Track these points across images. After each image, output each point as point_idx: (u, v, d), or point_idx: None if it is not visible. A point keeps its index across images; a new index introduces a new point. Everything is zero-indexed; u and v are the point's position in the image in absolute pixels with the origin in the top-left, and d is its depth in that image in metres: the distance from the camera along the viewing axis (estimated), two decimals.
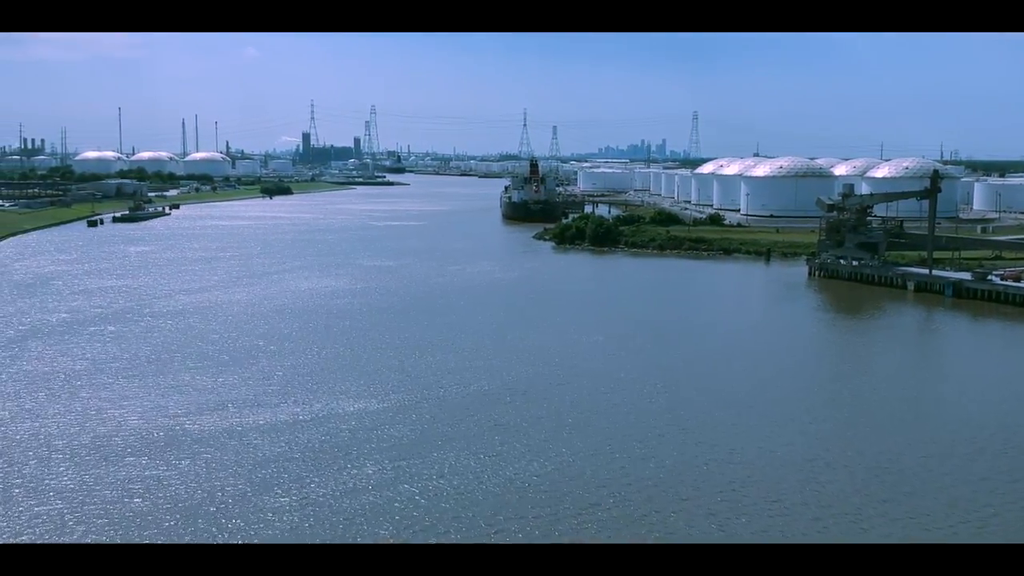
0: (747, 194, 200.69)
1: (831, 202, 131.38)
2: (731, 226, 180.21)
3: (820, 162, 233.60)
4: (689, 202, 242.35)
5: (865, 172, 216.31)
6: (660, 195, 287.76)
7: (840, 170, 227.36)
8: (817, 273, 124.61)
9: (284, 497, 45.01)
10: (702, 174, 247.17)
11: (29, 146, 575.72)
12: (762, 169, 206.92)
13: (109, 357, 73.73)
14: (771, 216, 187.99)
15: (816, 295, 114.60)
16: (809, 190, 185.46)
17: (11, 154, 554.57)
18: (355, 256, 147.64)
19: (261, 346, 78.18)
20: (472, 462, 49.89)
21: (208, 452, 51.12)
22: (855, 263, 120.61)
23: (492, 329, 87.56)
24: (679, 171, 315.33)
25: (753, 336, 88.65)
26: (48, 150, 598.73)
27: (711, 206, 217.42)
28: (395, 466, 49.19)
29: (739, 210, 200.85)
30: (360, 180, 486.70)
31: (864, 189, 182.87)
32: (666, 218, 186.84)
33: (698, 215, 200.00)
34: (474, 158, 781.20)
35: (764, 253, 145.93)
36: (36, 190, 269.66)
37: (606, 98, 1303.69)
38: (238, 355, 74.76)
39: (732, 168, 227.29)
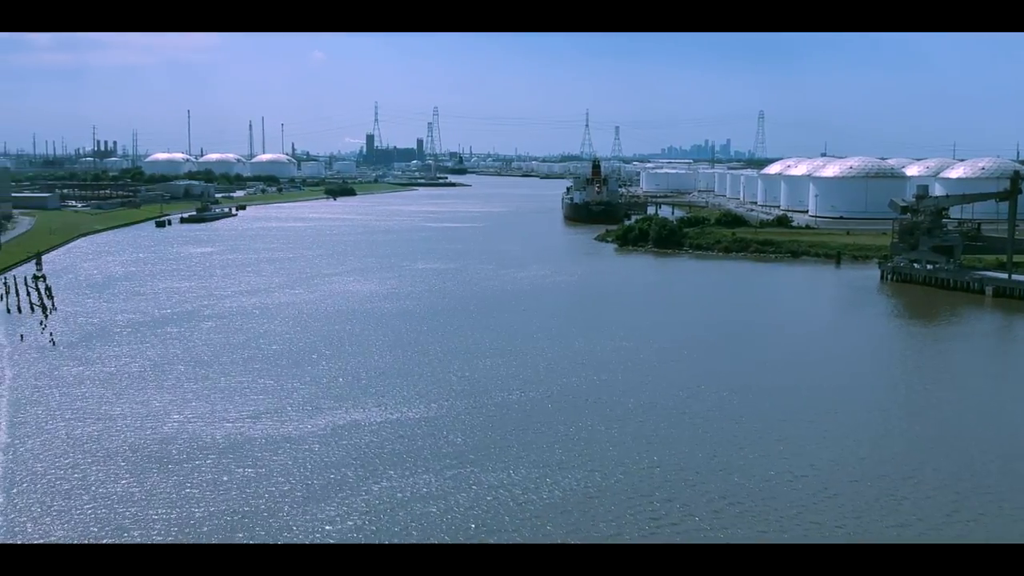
0: (816, 195, 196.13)
1: (905, 204, 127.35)
2: (799, 228, 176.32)
3: (891, 162, 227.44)
4: (755, 203, 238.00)
5: (939, 173, 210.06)
6: (725, 196, 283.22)
7: (912, 171, 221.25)
8: (890, 277, 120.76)
9: (337, 507, 44.19)
10: (769, 175, 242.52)
11: (102, 148, 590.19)
12: (831, 169, 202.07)
13: (171, 358, 74.08)
14: (840, 218, 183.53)
15: (889, 300, 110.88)
16: (880, 191, 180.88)
17: (85, 156, 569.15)
18: (414, 258, 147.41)
19: (320, 349, 77.88)
20: (533, 472, 48.55)
21: (266, 457, 50.63)
22: (930, 267, 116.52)
23: (555, 333, 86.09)
24: (744, 171, 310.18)
25: (824, 343, 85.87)
26: (120, 152, 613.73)
27: (778, 207, 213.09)
28: (454, 474, 48.10)
29: (807, 211, 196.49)
30: (422, 181, 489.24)
31: (938, 190, 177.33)
32: (732, 220, 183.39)
33: (765, 217, 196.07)
34: (536, 159, 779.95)
35: (834, 256, 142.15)
36: (107, 191, 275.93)
37: (669, 98, 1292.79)
38: (297, 357, 74.53)
39: (800, 168, 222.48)
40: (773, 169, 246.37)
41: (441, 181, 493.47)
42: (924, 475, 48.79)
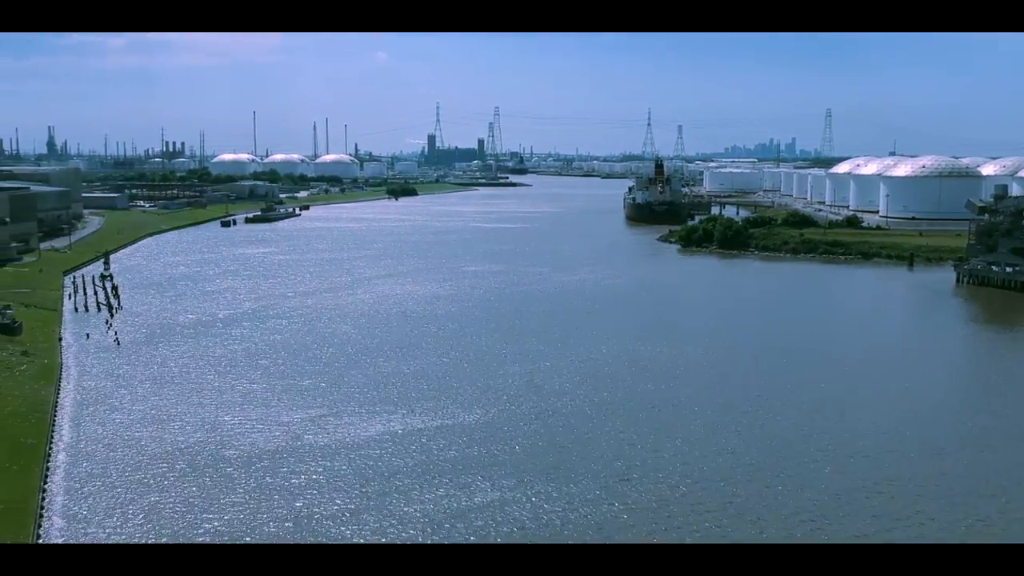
0: (887, 195, 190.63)
1: (983, 204, 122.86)
2: (869, 229, 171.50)
3: (966, 161, 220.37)
4: (823, 203, 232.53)
5: (1016, 172, 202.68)
6: (791, 196, 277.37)
7: (988, 170, 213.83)
8: (966, 280, 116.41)
9: (389, 518, 43.10)
10: (837, 174, 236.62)
11: (170, 149, 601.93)
12: (903, 169, 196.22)
13: (231, 360, 73.99)
14: (913, 218, 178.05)
15: (966, 304, 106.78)
16: (954, 191, 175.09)
17: (154, 157, 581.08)
18: (475, 260, 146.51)
19: (376, 351, 77.16)
20: (592, 484, 46.92)
21: (322, 464, 49.81)
22: (1009, 269, 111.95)
23: (618, 337, 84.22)
24: (811, 171, 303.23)
25: (900, 349, 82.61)
26: (188, 153, 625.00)
27: (847, 207, 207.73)
28: (513, 483, 46.69)
29: (878, 212, 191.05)
30: (483, 181, 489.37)
31: (1016, 190, 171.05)
32: (800, 220, 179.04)
33: (834, 217, 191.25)
34: (597, 158, 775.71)
35: (907, 258, 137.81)
36: (174, 192, 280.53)
37: (733, 96, 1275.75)
38: (353, 360, 73.88)
39: (870, 168, 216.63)
40: (842, 168, 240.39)
41: (501, 181, 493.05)
42: (1013, 494, 46.07)
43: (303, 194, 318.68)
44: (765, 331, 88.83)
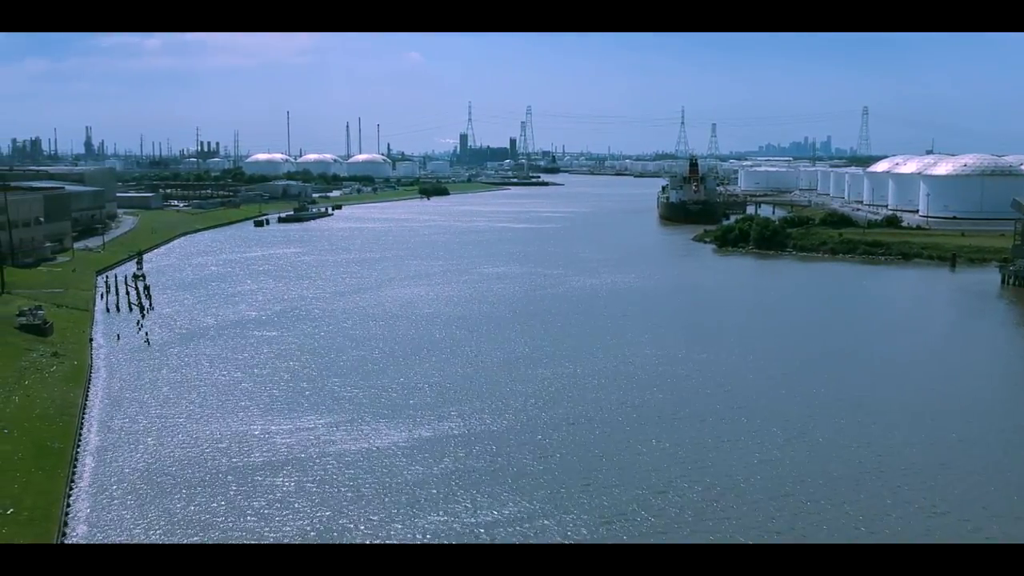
0: (927, 194, 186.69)
1: None
2: (910, 228, 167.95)
3: (1008, 159, 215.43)
4: (860, 202, 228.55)
5: None
6: (828, 195, 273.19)
7: None
8: (1012, 281, 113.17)
9: (412, 529, 41.75)
10: (875, 173, 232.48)
11: (205, 149, 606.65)
12: (944, 167, 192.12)
13: (260, 362, 73.14)
14: (954, 218, 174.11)
15: (1013, 307, 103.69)
16: (998, 190, 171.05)
17: (189, 157, 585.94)
18: (508, 261, 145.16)
19: (403, 355, 75.93)
20: (627, 496, 45.28)
21: (348, 471, 48.57)
22: None
23: (656, 341, 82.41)
24: (849, 169, 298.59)
25: (946, 354, 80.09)
26: (222, 153, 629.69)
27: (885, 207, 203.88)
28: (545, 494, 45.17)
29: (917, 211, 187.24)
30: (515, 180, 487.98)
31: None
32: (838, 220, 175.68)
33: (873, 217, 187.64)
34: (629, 157, 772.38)
35: (949, 258, 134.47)
36: (208, 191, 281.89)
37: (767, 94, 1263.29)
38: (382, 364, 72.69)
39: (909, 166, 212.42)
40: (880, 167, 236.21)
41: (534, 180, 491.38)
42: None
43: (336, 194, 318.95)
44: (805, 333, 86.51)
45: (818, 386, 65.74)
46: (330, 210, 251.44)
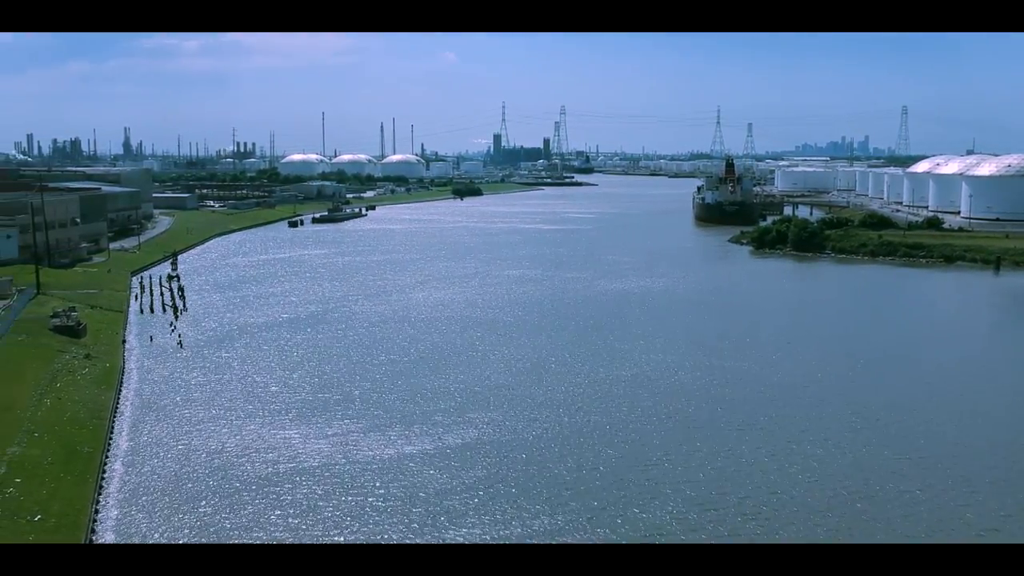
0: (970, 195, 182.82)
1: None
2: (951, 230, 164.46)
3: None
4: (900, 203, 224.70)
5: None
6: (867, 196, 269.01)
7: None
8: None
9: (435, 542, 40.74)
10: (915, 173, 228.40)
11: (241, 150, 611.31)
12: (987, 168, 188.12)
13: (291, 365, 72.62)
14: (997, 219, 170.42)
15: None
16: None
17: (225, 157, 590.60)
18: (544, 263, 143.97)
19: (434, 359, 75.09)
20: (662, 512, 43.96)
21: (379, 479, 47.70)
22: None
23: (694, 345, 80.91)
24: (888, 170, 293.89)
25: (990, 359, 77.76)
26: (258, 153, 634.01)
27: (926, 208, 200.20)
28: (580, 507, 43.99)
29: (959, 213, 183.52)
30: (548, 181, 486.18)
31: None
32: (877, 221, 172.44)
33: (913, 218, 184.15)
34: (664, 157, 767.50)
35: (993, 261, 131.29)
36: (244, 192, 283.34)
37: (804, 93, 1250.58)
38: (412, 367, 71.88)
39: (951, 167, 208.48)
40: (920, 167, 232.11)
41: (567, 181, 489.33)
42: None
43: (370, 194, 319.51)
44: (847, 339, 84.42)
45: (859, 391, 63.96)
46: (364, 211, 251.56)
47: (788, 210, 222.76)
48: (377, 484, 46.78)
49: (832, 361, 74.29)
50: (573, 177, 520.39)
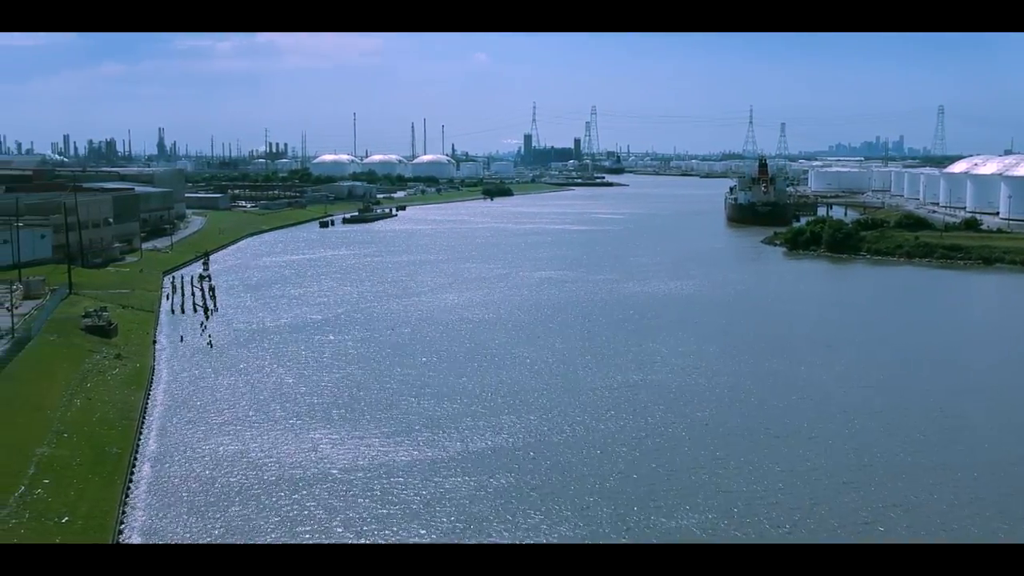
0: (1009, 196, 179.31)
1: None
2: (990, 231, 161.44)
3: None
4: (936, 204, 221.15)
5: None
6: (902, 196, 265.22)
7: None
8: None
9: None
10: (952, 173, 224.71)
11: (273, 150, 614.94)
12: None
13: (321, 367, 72.35)
14: None
15: None
16: None
17: (258, 158, 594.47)
18: (574, 265, 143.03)
19: (463, 361, 74.51)
20: (692, 521, 42.97)
21: (405, 485, 47.12)
22: None
23: (728, 349, 79.72)
24: (924, 170, 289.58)
25: None
26: (290, 154, 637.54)
27: (963, 209, 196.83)
28: (611, 514, 43.12)
29: (998, 213, 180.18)
30: (579, 181, 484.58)
31: None
32: (914, 222, 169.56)
33: (950, 219, 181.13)
34: (695, 157, 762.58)
35: None
36: (275, 192, 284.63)
37: (837, 92, 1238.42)
38: (439, 370, 71.33)
39: (989, 167, 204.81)
40: (957, 167, 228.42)
41: (598, 181, 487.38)
42: None
43: (400, 194, 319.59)
44: (889, 341, 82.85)
45: (899, 398, 62.54)
46: (394, 211, 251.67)
47: (822, 211, 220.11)
48: (405, 488, 46.19)
49: (873, 365, 72.80)
50: (604, 177, 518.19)
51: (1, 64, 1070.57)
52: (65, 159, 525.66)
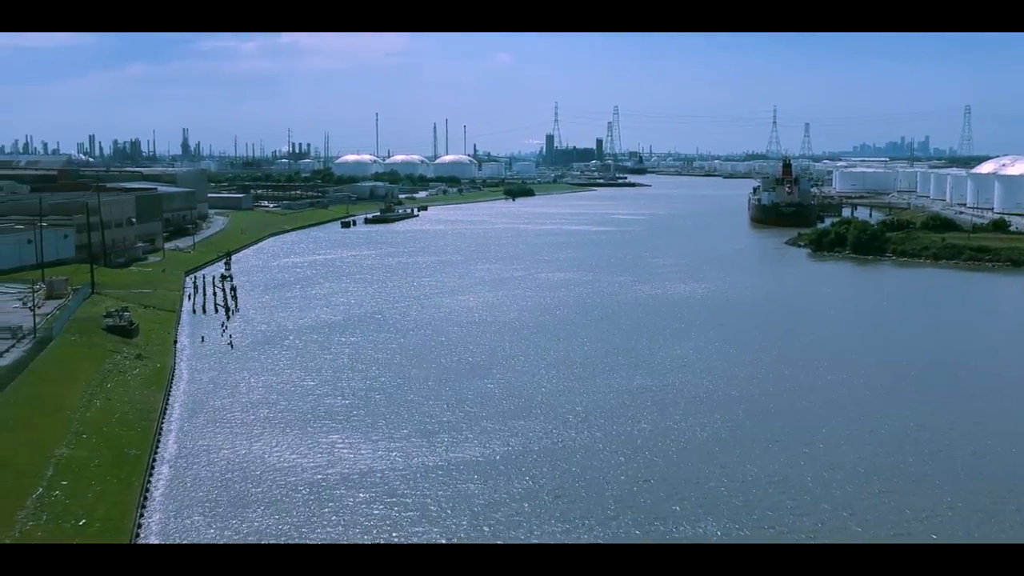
0: None
1: None
2: (1019, 233, 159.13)
3: None
4: (964, 205, 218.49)
5: None
6: (928, 197, 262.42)
7: None
8: None
9: None
10: (980, 174, 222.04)
11: (296, 150, 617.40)
12: None
13: (340, 368, 71.98)
14: None
15: None
16: None
17: (281, 158, 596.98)
18: (596, 266, 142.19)
19: (480, 364, 73.95)
20: (715, 528, 42.17)
21: (426, 488, 46.57)
22: None
23: (757, 352, 78.71)
24: (950, 170, 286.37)
25: None
26: (313, 154, 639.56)
27: (991, 210, 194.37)
28: (640, 520, 42.39)
29: None
30: (601, 181, 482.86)
31: None
32: (941, 223, 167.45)
33: (978, 220, 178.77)
34: (718, 158, 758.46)
35: None
36: (298, 192, 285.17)
37: (861, 93, 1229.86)
38: (460, 371, 70.80)
39: (1017, 167, 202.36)
40: (985, 168, 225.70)
41: (620, 181, 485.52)
42: None
43: (422, 194, 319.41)
44: (918, 349, 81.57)
45: (929, 406, 61.39)
46: (416, 211, 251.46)
47: (847, 212, 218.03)
48: (423, 492, 45.68)
49: (904, 371, 71.62)
50: (626, 178, 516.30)
51: (29, 65, 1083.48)
52: (90, 159, 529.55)
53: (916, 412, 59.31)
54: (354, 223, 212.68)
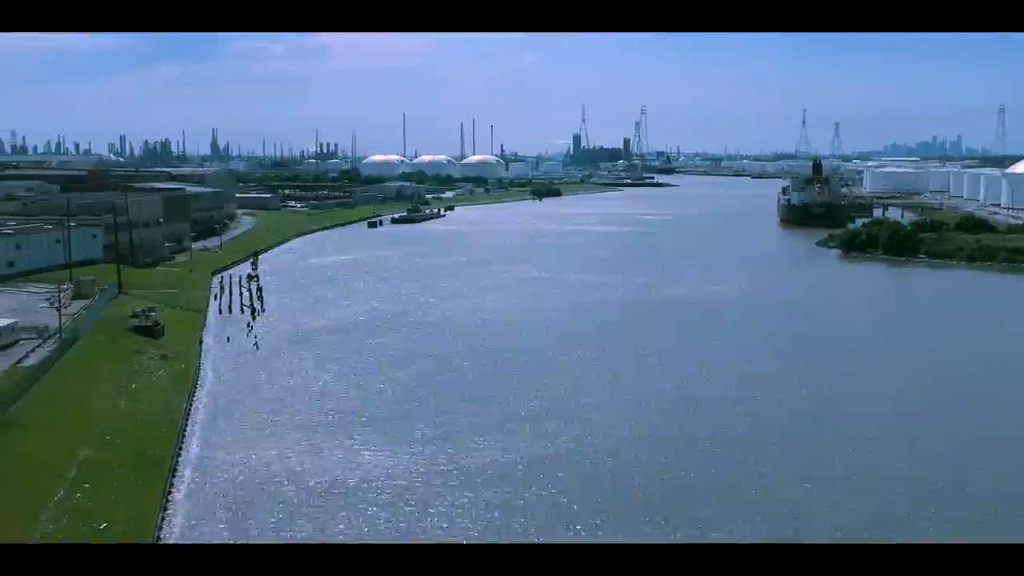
0: None
1: None
2: None
3: None
4: (998, 206, 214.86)
5: None
6: (961, 197, 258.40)
7: None
8: None
9: None
10: (1015, 174, 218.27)
11: (324, 150, 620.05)
12: None
13: (363, 370, 71.53)
14: None
15: None
16: None
17: (308, 158, 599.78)
18: (625, 267, 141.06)
19: (504, 366, 73.22)
20: (742, 531, 41.14)
21: (449, 492, 45.89)
22: None
23: (786, 355, 77.46)
24: (984, 170, 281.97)
25: None
26: (340, 154, 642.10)
27: None
28: (659, 529, 41.47)
29: None
30: (628, 181, 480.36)
31: None
32: (974, 224, 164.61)
33: (1013, 221, 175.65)
34: (747, 158, 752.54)
35: None
36: (325, 192, 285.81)
37: (892, 92, 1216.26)
38: (480, 375, 70.08)
39: None
40: (1020, 167, 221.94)
41: (647, 181, 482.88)
42: None
43: (449, 195, 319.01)
44: (957, 354, 79.94)
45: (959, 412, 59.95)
46: (442, 211, 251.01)
47: (878, 212, 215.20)
48: (444, 497, 45.01)
49: (944, 376, 70.15)
50: (653, 178, 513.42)
51: (61, 67, 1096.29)
52: (121, 159, 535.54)
53: (957, 411, 57.91)
54: (381, 223, 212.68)
